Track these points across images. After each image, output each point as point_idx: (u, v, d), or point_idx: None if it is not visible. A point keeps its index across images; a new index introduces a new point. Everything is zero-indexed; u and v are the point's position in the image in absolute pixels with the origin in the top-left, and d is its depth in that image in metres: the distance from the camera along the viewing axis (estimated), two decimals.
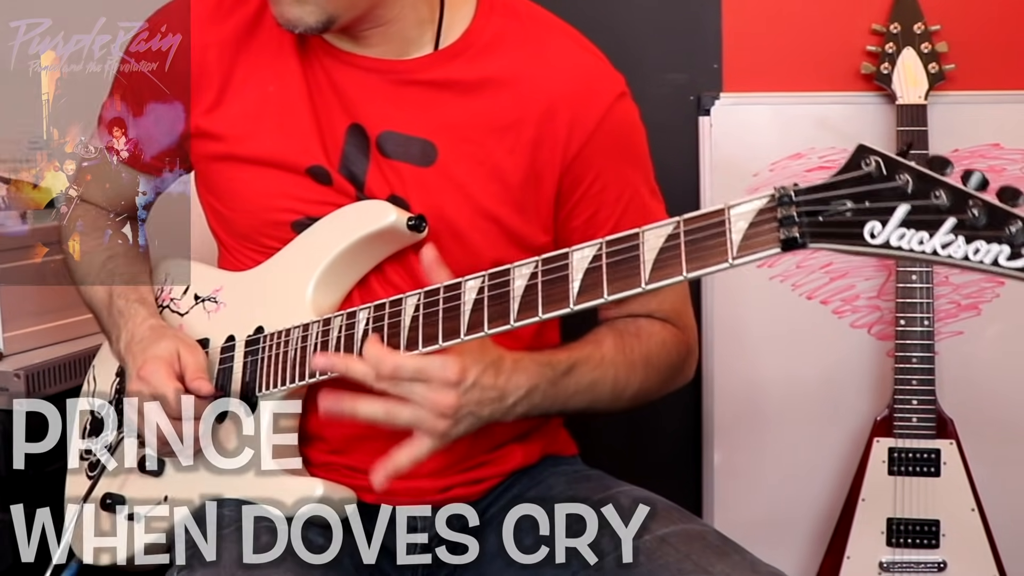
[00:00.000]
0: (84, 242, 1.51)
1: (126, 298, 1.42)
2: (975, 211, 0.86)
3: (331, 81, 1.33)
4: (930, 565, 2.09)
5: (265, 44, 1.35)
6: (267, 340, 1.31)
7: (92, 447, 1.49)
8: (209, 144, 1.37)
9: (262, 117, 1.33)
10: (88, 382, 1.56)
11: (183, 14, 1.37)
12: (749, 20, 2.29)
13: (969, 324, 2.26)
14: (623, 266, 1.03)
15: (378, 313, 1.21)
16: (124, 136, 1.45)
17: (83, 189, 1.55)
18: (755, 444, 2.33)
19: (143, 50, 1.39)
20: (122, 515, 1.39)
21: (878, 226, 0.90)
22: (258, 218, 1.36)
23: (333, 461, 1.35)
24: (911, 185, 0.89)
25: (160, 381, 1.27)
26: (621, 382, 1.32)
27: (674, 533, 1.24)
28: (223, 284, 1.42)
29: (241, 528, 1.22)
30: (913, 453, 2.10)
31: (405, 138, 1.31)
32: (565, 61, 1.34)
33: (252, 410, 1.30)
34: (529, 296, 1.08)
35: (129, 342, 1.37)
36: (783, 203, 0.95)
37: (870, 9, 2.21)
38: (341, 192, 1.32)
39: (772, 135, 2.29)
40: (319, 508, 1.25)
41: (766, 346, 2.30)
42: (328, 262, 1.30)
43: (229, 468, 1.30)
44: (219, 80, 1.35)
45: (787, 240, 0.94)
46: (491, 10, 1.35)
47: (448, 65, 1.32)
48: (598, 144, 1.32)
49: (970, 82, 2.19)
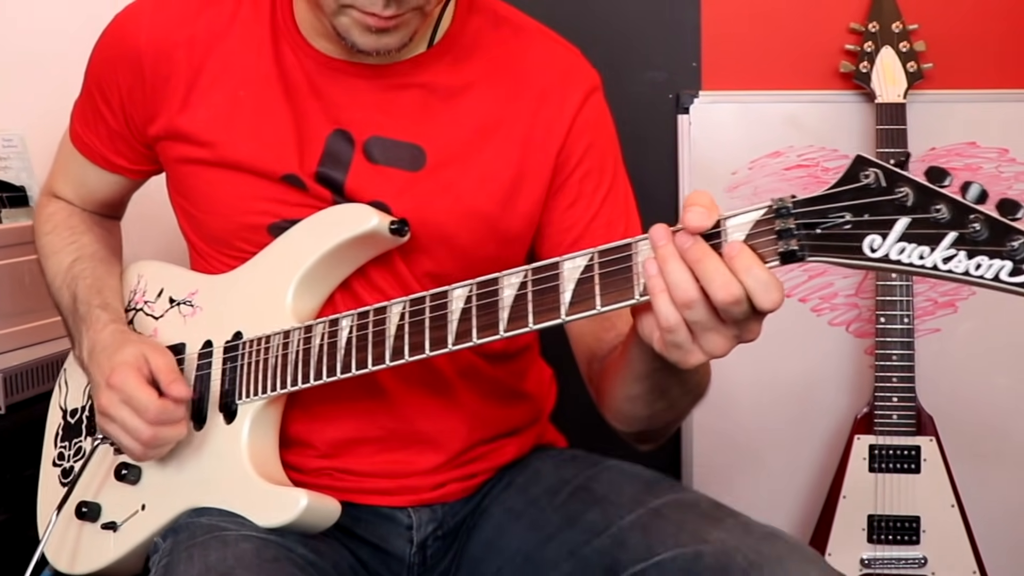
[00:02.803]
0: (53, 242, 1.48)
1: (88, 303, 1.38)
2: (976, 225, 0.84)
3: (313, 86, 1.30)
4: (911, 561, 2.11)
5: (237, 47, 1.31)
6: (246, 347, 1.28)
7: (65, 452, 1.45)
8: (179, 147, 1.33)
9: (234, 121, 1.30)
10: (60, 387, 1.53)
11: (153, 12, 1.34)
12: (728, 19, 2.29)
13: (946, 321, 2.27)
14: (617, 277, 1.01)
15: (362, 321, 1.18)
16: (94, 134, 1.42)
17: (55, 186, 1.51)
18: (734, 442, 2.34)
19: (112, 48, 1.36)
20: (98, 524, 1.36)
21: (878, 239, 0.88)
22: (233, 222, 1.32)
23: (323, 466, 1.33)
24: (911, 198, 0.87)
25: (133, 388, 1.24)
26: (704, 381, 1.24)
27: (667, 504, 1.23)
28: (199, 287, 1.38)
29: (221, 536, 1.19)
30: (893, 450, 2.12)
31: (393, 143, 1.29)
32: (545, 57, 1.34)
33: (231, 418, 1.27)
34: (519, 305, 1.06)
35: (92, 350, 1.33)
36: (781, 215, 0.93)
37: (848, 8, 2.23)
38: (318, 198, 1.29)
39: (751, 133, 2.30)
40: (302, 520, 1.21)
41: (744, 344, 2.30)
42: (308, 266, 1.27)
43: (207, 477, 1.27)
44: (187, 81, 1.31)
45: (786, 253, 0.92)
46: (469, 9, 1.34)
47: (436, 66, 1.30)
48: (581, 128, 1.32)
49: (947, 81, 2.21)
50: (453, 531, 1.37)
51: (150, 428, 1.23)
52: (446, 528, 1.37)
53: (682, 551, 1.15)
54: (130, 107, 1.36)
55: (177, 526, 1.27)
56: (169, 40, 1.32)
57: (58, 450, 1.47)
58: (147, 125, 1.35)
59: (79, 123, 1.44)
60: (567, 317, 1.03)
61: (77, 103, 1.45)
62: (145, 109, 1.34)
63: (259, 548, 1.17)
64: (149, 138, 1.36)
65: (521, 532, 1.31)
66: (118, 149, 1.42)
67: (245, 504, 1.23)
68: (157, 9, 1.34)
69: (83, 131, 1.43)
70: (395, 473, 1.33)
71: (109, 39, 1.37)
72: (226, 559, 1.14)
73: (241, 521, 1.22)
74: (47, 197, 1.53)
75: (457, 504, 1.37)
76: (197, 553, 1.16)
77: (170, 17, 1.33)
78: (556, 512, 1.30)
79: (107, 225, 1.54)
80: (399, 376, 1.30)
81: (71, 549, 1.38)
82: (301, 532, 1.22)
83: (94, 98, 1.39)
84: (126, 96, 1.35)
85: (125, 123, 1.38)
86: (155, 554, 1.25)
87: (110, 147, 1.42)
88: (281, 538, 1.21)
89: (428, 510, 1.35)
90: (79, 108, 1.44)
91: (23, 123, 1.93)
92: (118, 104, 1.37)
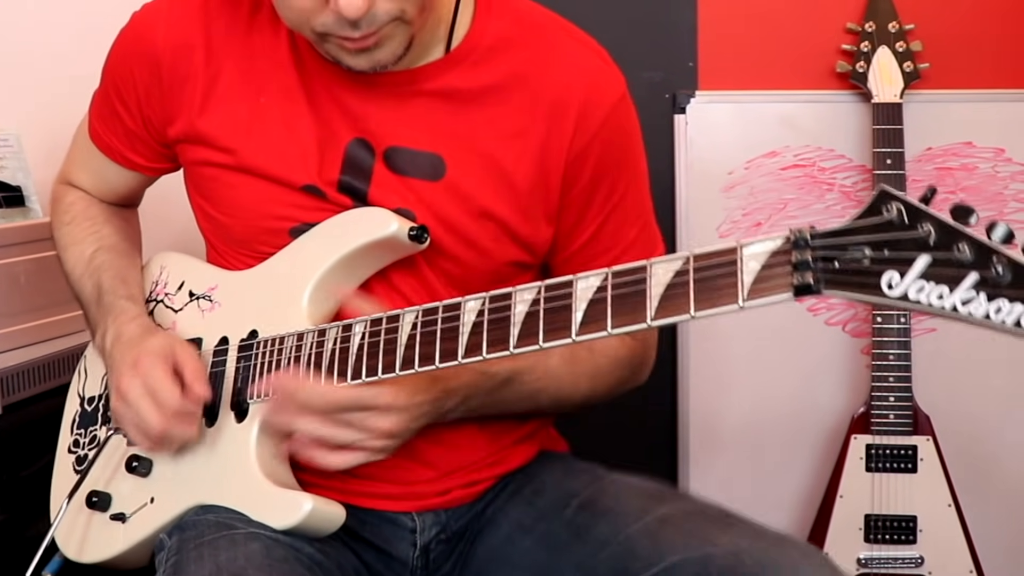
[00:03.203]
0: (72, 231, 1.47)
1: (115, 293, 1.38)
2: (999, 268, 0.82)
3: (333, 95, 1.28)
4: (908, 561, 2.11)
5: (257, 53, 1.30)
6: (260, 346, 1.27)
7: (80, 439, 1.45)
8: (200, 150, 1.32)
9: (255, 129, 1.29)
10: (79, 374, 1.52)
11: (170, 12, 1.33)
12: (725, 18, 2.29)
13: (941, 321, 2.27)
14: (629, 300, 1.00)
15: (374, 328, 1.17)
16: (111, 132, 1.42)
17: (73, 175, 1.51)
18: (731, 442, 2.34)
19: (129, 48, 1.35)
20: (108, 514, 1.35)
21: (896, 276, 0.87)
22: (254, 225, 1.31)
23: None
24: (933, 236, 0.85)
25: (158, 378, 1.23)
26: (565, 393, 1.35)
27: (674, 511, 1.23)
28: (219, 283, 1.37)
29: (230, 535, 1.19)
30: (890, 449, 2.12)
31: (413, 153, 1.28)
32: (571, 61, 1.31)
33: (242, 417, 1.27)
34: (530, 323, 1.05)
35: (116, 339, 1.32)
36: (798, 246, 0.91)
37: (845, 8, 2.22)
38: (340, 206, 1.28)
39: (747, 133, 2.30)
40: (306, 525, 1.20)
41: (741, 344, 2.31)
42: (326, 269, 1.26)
43: (216, 475, 1.27)
44: (204, 82, 1.30)
45: (800, 286, 0.91)
46: (488, 10, 1.31)
47: (455, 71, 1.28)
48: (599, 144, 1.30)
49: (943, 81, 2.21)
50: (457, 535, 1.37)
51: (165, 422, 1.22)
52: (450, 532, 1.36)
53: (691, 555, 1.14)
54: (147, 108, 1.35)
55: (183, 523, 1.27)
56: (187, 41, 1.30)
57: (74, 437, 1.47)
58: (166, 126, 1.34)
59: (97, 119, 1.43)
60: (577, 337, 1.03)
61: (95, 98, 1.44)
62: (163, 110, 1.34)
63: (268, 548, 1.16)
64: (169, 139, 1.36)
65: (530, 546, 1.31)
66: (135, 148, 1.41)
67: (250, 505, 1.23)
68: (174, 9, 1.33)
69: (101, 128, 1.43)
70: (401, 479, 1.32)
71: (126, 38, 1.36)
72: (236, 559, 1.13)
73: (249, 519, 1.21)
74: (64, 186, 1.52)
75: (461, 508, 1.37)
76: (207, 552, 1.16)
77: (188, 17, 1.32)
78: (564, 527, 1.29)
79: (125, 215, 1.54)
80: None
81: (80, 537, 1.38)
82: (304, 536, 1.22)
83: (110, 97, 1.39)
84: (143, 96, 1.35)
85: (143, 123, 1.37)
86: (161, 551, 1.24)
87: (127, 145, 1.41)
88: (289, 537, 1.20)
89: (432, 514, 1.35)
90: (97, 104, 1.43)
91: (19, 122, 1.92)
92: (135, 104, 1.36)
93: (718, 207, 2.30)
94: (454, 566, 1.37)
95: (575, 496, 1.32)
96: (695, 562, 1.13)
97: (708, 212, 2.29)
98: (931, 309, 0.86)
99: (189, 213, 1.42)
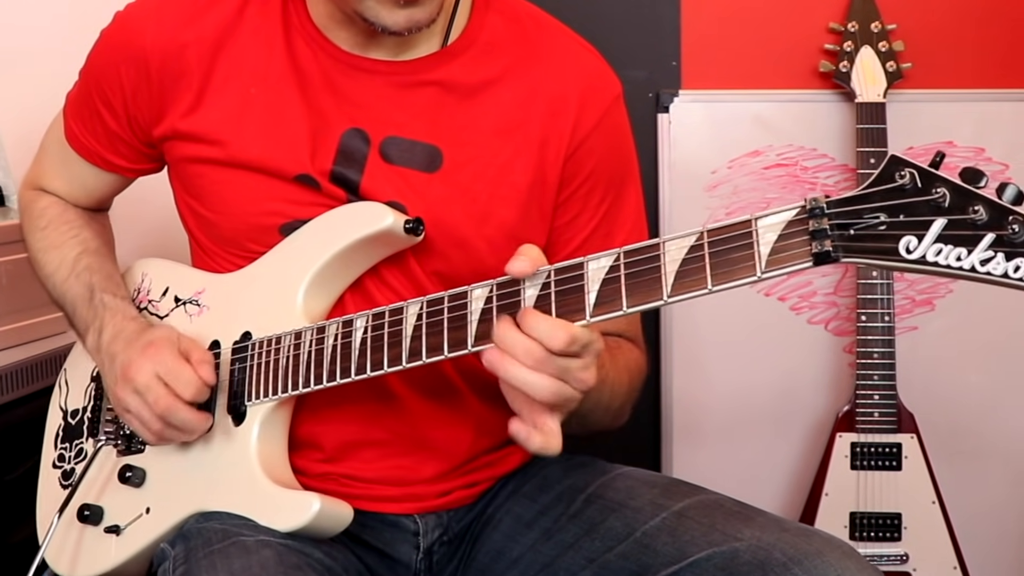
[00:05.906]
0: (50, 236, 1.44)
1: (112, 293, 1.36)
2: (1015, 226, 0.83)
3: (328, 82, 1.27)
4: (893, 558, 2.12)
5: (248, 44, 1.29)
6: (256, 347, 1.25)
7: (65, 454, 1.42)
8: (188, 146, 1.30)
9: (245, 120, 1.27)
10: (60, 387, 1.49)
11: (157, 12, 1.31)
12: (708, 18, 2.30)
13: (923, 319, 2.29)
14: (643, 277, 0.99)
15: (377, 321, 1.16)
16: (90, 134, 1.39)
17: (43, 180, 1.48)
18: (715, 441, 2.34)
19: (114, 49, 1.33)
20: (101, 527, 1.33)
21: (914, 241, 0.87)
22: (244, 223, 1.29)
23: (329, 471, 1.30)
24: (948, 199, 0.86)
25: (174, 362, 1.21)
26: (619, 393, 1.30)
27: (691, 506, 1.22)
28: (206, 286, 1.35)
29: (240, 542, 1.16)
30: (875, 447, 2.13)
31: (410, 143, 1.27)
32: (569, 59, 1.32)
33: (240, 420, 1.24)
34: (541, 307, 1.04)
35: (115, 335, 1.30)
36: (814, 215, 0.91)
37: (827, 8, 2.24)
38: (332, 197, 1.27)
39: (730, 132, 2.31)
40: (314, 525, 1.18)
41: (723, 343, 2.31)
42: (320, 265, 1.24)
43: (215, 480, 1.24)
44: (199, 81, 1.28)
45: (819, 254, 0.91)
46: (487, 7, 1.32)
47: (452, 64, 1.28)
48: (594, 143, 1.30)
49: (925, 80, 2.23)
50: (458, 536, 1.36)
51: (175, 404, 1.20)
52: (451, 534, 1.35)
53: (717, 549, 1.14)
54: (133, 108, 1.32)
55: (186, 532, 1.24)
56: (176, 40, 1.28)
57: (58, 451, 1.44)
58: (152, 126, 1.32)
59: (74, 122, 1.40)
60: (592, 318, 1.01)
61: (71, 100, 1.41)
62: (151, 110, 1.31)
63: (281, 554, 1.14)
64: (154, 138, 1.33)
65: (534, 541, 1.30)
66: (117, 149, 1.38)
67: (256, 508, 1.20)
68: (160, 8, 1.31)
69: (79, 129, 1.39)
70: (400, 480, 1.31)
71: (110, 40, 1.34)
72: (251, 567, 1.11)
73: (253, 525, 1.19)
74: (34, 192, 1.49)
75: (462, 510, 1.36)
76: (219, 561, 1.13)
77: (175, 16, 1.30)
78: (572, 520, 1.28)
79: (100, 219, 1.51)
80: (407, 379, 1.28)
81: (72, 553, 1.35)
82: (311, 537, 1.20)
83: (92, 99, 1.36)
84: (130, 97, 1.32)
85: (128, 124, 1.35)
86: (165, 561, 1.22)
87: (108, 147, 1.38)
88: (298, 543, 1.18)
89: (434, 516, 1.34)
90: (74, 106, 1.40)
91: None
92: (120, 105, 1.33)
93: (701, 206, 2.30)
94: (457, 567, 1.36)
95: (580, 490, 1.31)
96: (722, 556, 1.13)
97: (691, 211, 2.29)
98: (950, 271, 0.86)
99: (163, 217, 1.40)
